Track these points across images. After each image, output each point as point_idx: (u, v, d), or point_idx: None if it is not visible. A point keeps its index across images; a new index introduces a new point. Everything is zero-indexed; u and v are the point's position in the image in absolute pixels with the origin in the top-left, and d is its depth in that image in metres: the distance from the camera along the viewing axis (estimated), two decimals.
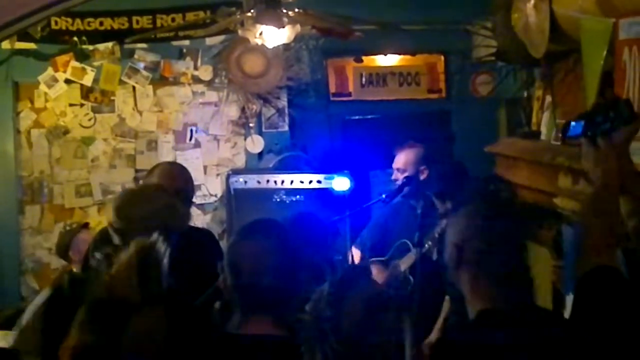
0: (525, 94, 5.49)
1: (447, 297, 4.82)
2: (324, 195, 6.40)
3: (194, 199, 6.75)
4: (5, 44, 6.62)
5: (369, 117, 7.54)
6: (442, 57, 7.59)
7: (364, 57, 7.52)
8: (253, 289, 2.57)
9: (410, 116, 7.47)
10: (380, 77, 7.60)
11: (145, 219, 3.19)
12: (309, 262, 3.27)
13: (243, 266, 2.59)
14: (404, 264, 5.25)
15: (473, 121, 7.18)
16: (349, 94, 7.59)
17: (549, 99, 4.90)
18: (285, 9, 5.59)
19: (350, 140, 7.35)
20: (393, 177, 5.56)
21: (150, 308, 1.89)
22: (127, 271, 1.89)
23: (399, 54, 7.55)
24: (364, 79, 7.59)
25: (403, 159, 5.50)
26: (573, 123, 2.41)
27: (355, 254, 5.67)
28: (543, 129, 5.01)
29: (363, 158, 6.99)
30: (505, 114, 6.97)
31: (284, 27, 5.61)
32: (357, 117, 7.54)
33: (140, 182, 6.20)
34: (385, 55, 7.56)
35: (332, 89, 7.55)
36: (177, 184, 4.10)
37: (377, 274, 5.42)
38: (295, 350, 2.45)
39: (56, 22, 6.67)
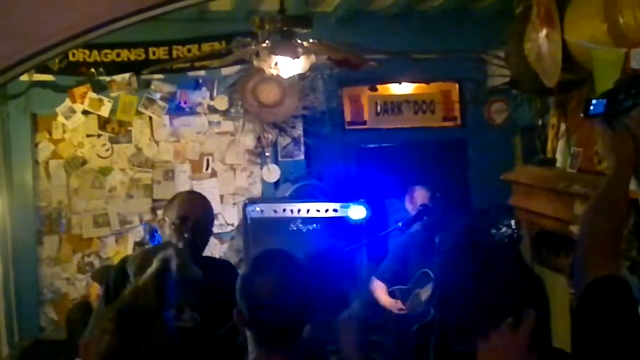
0: (540, 122, 5.49)
1: None
2: (340, 223, 6.40)
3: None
4: (24, 76, 6.64)
5: (384, 145, 7.55)
6: (457, 85, 7.61)
7: (378, 86, 7.56)
8: (268, 324, 2.53)
9: (425, 144, 7.49)
10: (395, 105, 7.63)
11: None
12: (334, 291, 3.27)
13: (257, 301, 2.54)
14: (425, 293, 5.26)
15: (489, 149, 7.19)
16: (364, 122, 7.61)
17: (563, 127, 4.90)
18: (299, 39, 5.63)
19: (366, 168, 7.35)
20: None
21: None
22: (149, 282, 2.05)
23: (414, 82, 7.58)
24: (379, 108, 7.61)
25: (409, 205, 5.81)
26: (594, 101, 2.36)
27: (377, 286, 5.68)
28: (558, 157, 5.01)
29: (379, 186, 6.98)
30: (520, 142, 6.98)
31: (298, 57, 5.65)
32: (372, 146, 7.54)
33: (158, 217, 6.22)
34: (400, 83, 7.58)
35: (348, 117, 7.58)
36: (196, 213, 4.10)
37: (381, 294, 5.47)
38: None
39: (73, 54, 6.74)
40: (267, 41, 5.64)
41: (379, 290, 5.64)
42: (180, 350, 2.94)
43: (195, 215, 3.89)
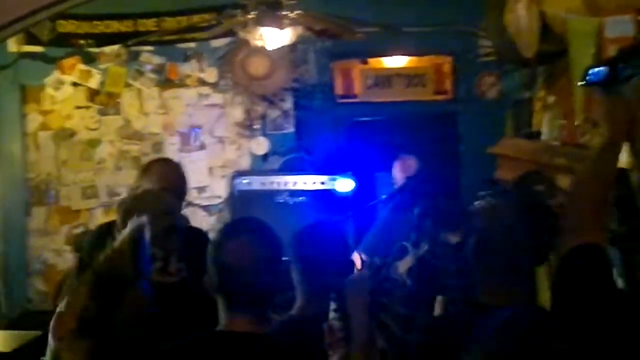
0: (528, 95, 5.48)
1: (439, 298, 4.79)
2: (328, 196, 6.40)
3: (199, 201, 6.97)
4: (12, 47, 6.71)
5: (375, 118, 7.52)
6: (449, 59, 7.54)
7: (370, 59, 7.49)
8: (236, 288, 2.58)
9: (416, 118, 7.45)
10: (386, 78, 7.56)
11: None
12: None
13: (226, 265, 2.58)
14: (402, 266, 5.25)
15: (480, 123, 7.15)
16: (355, 96, 7.55)
17: (551, 99, 4.89)
18: (286, 11, 5.61)
19: (357, 141, 7.33)
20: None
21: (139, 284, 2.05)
22: (123, 248, 2.05)
23: (405, 55, 7.52)
24: (370, 81, 7.54)
25: (397, 173, 5.80)
26: (593, 70, 2.37)
27: (357, 258, 5.68)
28: (544, 129, 5.00)
29: (369, 160, 6.97)
30: (512, 115, 6.95)
31: (284, 29, 5.63)
32: (363, 119, 7.51)
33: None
34: (392, 57, 7.52)
35: (338, 90, 7.51)
36: (173, 181, 4.11)
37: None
38: (277, 348, 2.53)
39: (63, 26, 6.73)
40: (253, 12, 5.62)
41: (357, 263, 5.65)
42: (162, 310, 2.95)
43: (167, 184, 3.92)
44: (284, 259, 2.75)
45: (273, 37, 5.70)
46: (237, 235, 2.67)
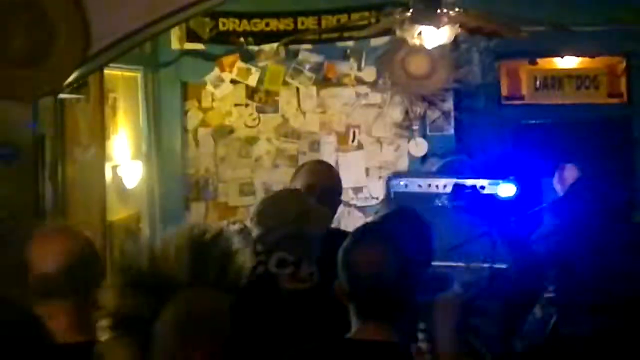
0: None
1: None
2: (489, 201, 6.18)
3: (355, 201, 6.88)
4: (175, 45, 6.86)
5: (543, 121, 7.24)
6: (624, 59, 7.13)
7: (538, 59, 7.21)
8: (366, 294, 2.49)
9: (588, 121, 7.11)
10: (556, 80, 7.28)
11: (281, 225, 3.14)
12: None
13: (356, 270, 2.51)
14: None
15: None
16: (522, 97, 7.32)
17: None
18: (445, 8, 5.44)
19: (522, 145, 7.07)
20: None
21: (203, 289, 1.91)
22: (178, 252, 1.91)
23: (577, 56, 7.17)
24: (538, 82, 7.29)
25: (558, 181, 5.78)
26: None
27: None
28: None
29: (535, 164, 6.70)
30: None
31: (442, 27, 5.48)
32: (529, 122, 7.25)
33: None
34: (562, 57, 7.20)
35: (504, 92, 7.30)
36: (322, 182, 4.02)
37: None
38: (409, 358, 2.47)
39: (224, 24, 6.83)
40: (411, 10, 5.49)
41: None
42: (293, 316, 2.86)
43: (322, 184, 3.85)
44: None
45: (431, 36, 5.57)
46: (369, 241, 2.59)
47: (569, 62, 7.25)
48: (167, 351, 1.86)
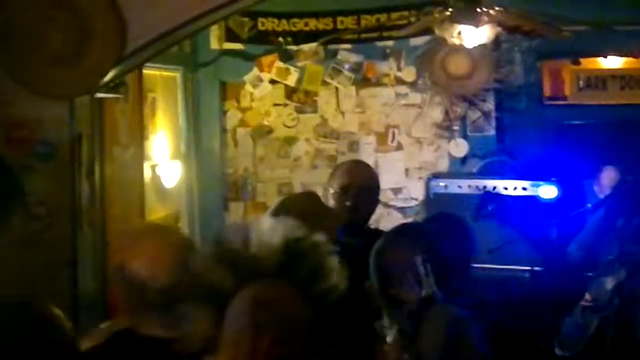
0: None
1: None
2: (530, 202, 6.12)
3: (394, 202, 6.83)
4: (214, 44, 6.87)
5: (587, 122, 7.13)
6: None
7: (582, 59, 7.10)
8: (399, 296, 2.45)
9: (633, 122, 6.96)
10: (599, 80, 7.18)
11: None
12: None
13: (388, 272, 2.49)
14: (611, 282, 4.89)
15: None
16: (565, 98, 7.21)
17: None
18: (485, 7, 5.38)
19: (564, 146, 6.96)
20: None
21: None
22: (274, 244, 1.91)
23: (621, 56, 7.05)
24: (581, 82, 7.20)
25: (597, 185, 5.71)
26: None
27: None
28: None
29: (578, 166, 6.59)
30: None
31: (482, 26, 5.42)
32: (573, 122, 7.14)
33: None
34: (606, 57, 7.09)
35: (546, 92, 7.21)
36: (359, 182, 3.97)
37: None
38: None
39: (262, 23, 6.84)
40: (450, 9, 5.44)
41: None
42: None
43: (358, 184, 3.79)
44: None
45: (471, 35, 5.51)
46: (398, 240, 2.59)
47: (612, 62, 7.15)
48: (237, 329, 1.86)
